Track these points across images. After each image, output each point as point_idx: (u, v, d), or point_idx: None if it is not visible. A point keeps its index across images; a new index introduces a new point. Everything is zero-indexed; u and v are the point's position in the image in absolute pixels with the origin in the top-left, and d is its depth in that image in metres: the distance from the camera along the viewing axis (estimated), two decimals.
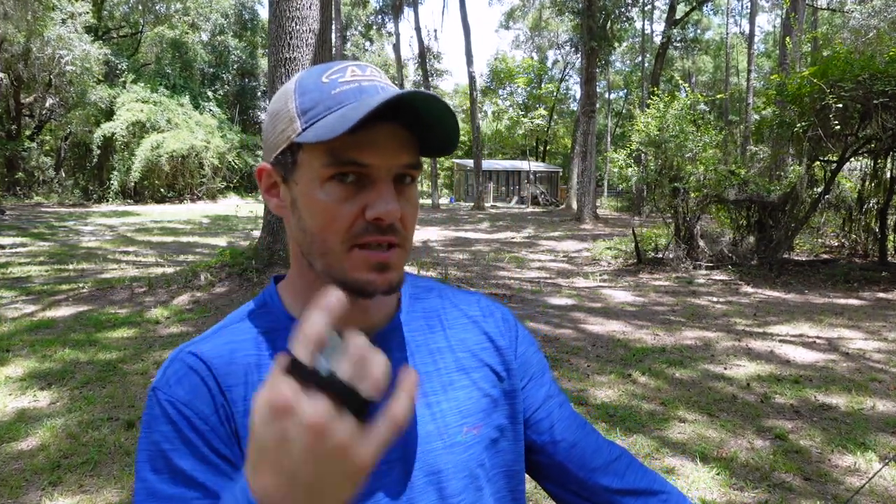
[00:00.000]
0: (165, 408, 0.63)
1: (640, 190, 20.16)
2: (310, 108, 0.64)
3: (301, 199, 0.65)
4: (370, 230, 0.63)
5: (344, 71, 0.66)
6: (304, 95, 0.65)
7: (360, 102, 0.61)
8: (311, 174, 0.64)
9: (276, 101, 0.68)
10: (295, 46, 7.21)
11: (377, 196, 0.63)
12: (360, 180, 0.63)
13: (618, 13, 21.53)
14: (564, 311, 6.80)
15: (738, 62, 42.67)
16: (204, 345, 0.68)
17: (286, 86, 0.69)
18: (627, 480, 0.80)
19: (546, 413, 0.81)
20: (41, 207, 23.57)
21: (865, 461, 3.17)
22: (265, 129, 0.70)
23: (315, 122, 0.63)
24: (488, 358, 0.78)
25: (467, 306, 0.82)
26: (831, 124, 8.27)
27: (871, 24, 16.70)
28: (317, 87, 0.65)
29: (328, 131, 0.59)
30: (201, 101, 31.55)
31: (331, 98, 0.64)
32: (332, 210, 0.63)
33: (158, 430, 0.63)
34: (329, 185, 0.63)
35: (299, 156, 0.65)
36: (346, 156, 0.62)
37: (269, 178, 0.69)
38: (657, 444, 3.38)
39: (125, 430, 3.46)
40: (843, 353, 5.18)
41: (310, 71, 0.68)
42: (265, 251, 7.40)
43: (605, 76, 36.32)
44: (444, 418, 0.72)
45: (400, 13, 32.02)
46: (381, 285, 0.65)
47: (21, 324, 5.78)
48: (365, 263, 0.64)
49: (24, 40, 22.23)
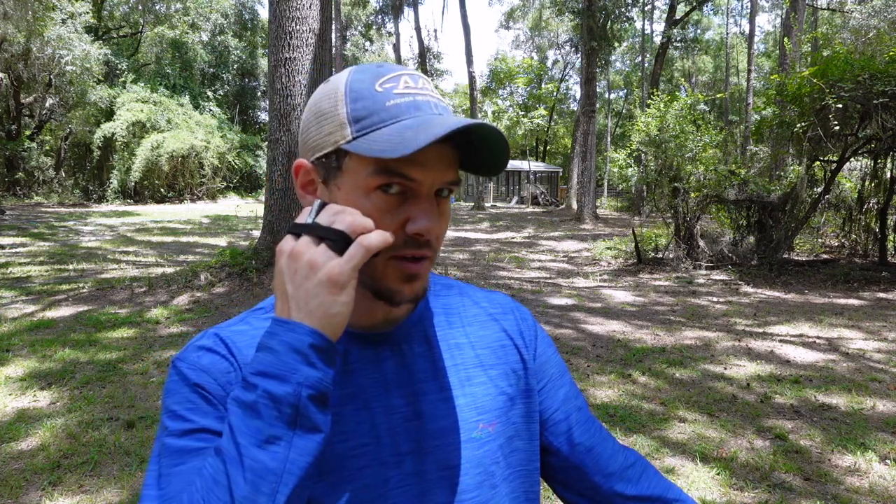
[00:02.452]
0: (188, 374, 0.65)
1: (640, 190, 20.17)
2: (363, 116, 0.63)
3: (342, 204, 0.65)
4: (409, 243, 0.65)
5: (397, 80, 0.65)
6: (357, 102, 0.64)
7: (423, 126, 0.61)
8: (356, 182, 0.64)
9: (323, 100, 0.67)
10: (295, 46, 7.21)
11: (420, 212, 0.64)
12: (404, 193, 0.64)
13: (618, 13, 21.53)
14: (564, 311, 6.80)
15: (738, 62, 42.67)
16: (228, 329, 0.70)
17: (334, 84, 0.67)
18: (642, 487, 0.80)
19: (564, 415, 0.81)
20: (41, 207, 23.57)
21: (865, 461, 3.17)
22: (307, 125, 0.69)
23: (367, 133, 0.63)
24: (506, 356, 0.79)
25: (488, 304, 0.83)
26: (831, 124, 8.28)
27: (871, 24, 16.70)
28: (370, 95, 0.64)
29: (388, 149, 0.59)
30: (201, 101, 31.56)
31: (385, 110, 0.63)
32: (374, 220, 0.63)
33: (180, 394, 0.65)
34: (374, 194, 0.63)
35: (345, 161, 0.65)
36: (396, 169, 0.62)
37: (307, 175, 0.69)
38: (657, 444, 3.38)
39: (125, 430, 3.46)
40: (843, 353, 5.18)
41: (360, 73, 0.67)
42: (265, 251, 7.40)
43: (605, 76, 36.31)
44: (460, 413, 0.72)
45: (400, 13, 32.04)
46: (409, 295, 0.66)
47: (21, 324, 5.78)
48: (397, 274, 0.65)
49: (24, 40, 22.23)
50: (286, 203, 7.38)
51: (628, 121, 31.44)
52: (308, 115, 0.69)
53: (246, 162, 31.58)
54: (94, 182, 28.25)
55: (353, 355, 0.70)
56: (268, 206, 7.59)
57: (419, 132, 0.59)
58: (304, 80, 7.28)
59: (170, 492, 0.59)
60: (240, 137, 31.89)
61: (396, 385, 0.70)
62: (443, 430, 0.70)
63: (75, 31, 23.83)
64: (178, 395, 0.64)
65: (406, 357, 0.72)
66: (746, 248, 10.00)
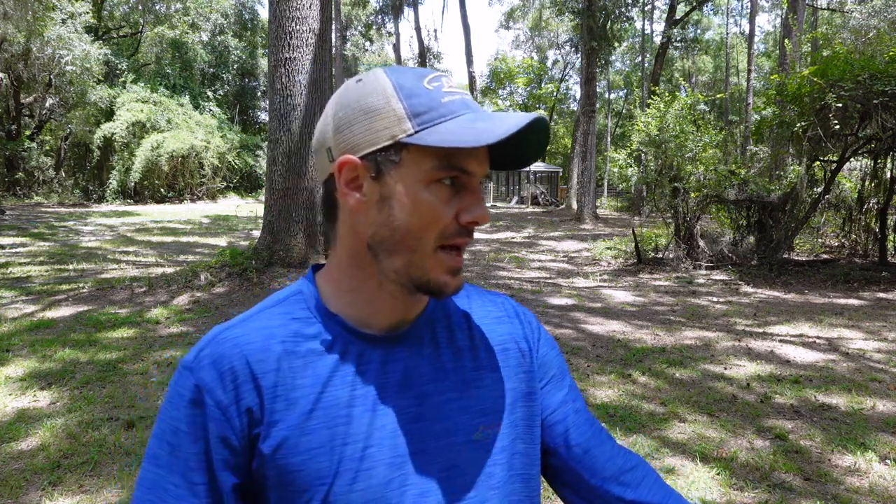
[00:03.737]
0: (190, 390, 0.67)
1: (640, 190, 20.16)
2: (422, 111, 0.66)
3: (399, 197, 0.67)
4: (461, 233, 0.68)
5: (440, 80, 0.69)
6: (413, 98, 0.66)
7: (494, 119, 0.65)
8: (416, 175, 0.66)
9: (367, 97, 0.68)
10: (295, 46, 7.21)
11: (474, 201, 0.69)
12: (456, 185, 0.67)
13: (618, 13, 21.52)
14: (564, 311, 6.79)
15: (738, 62, 42.67)
16: (239, 329, 0.70)
17: (375, 83, 0.69)
18: (641, 493, 0.80)
19: (562, 417, 0.81)
20: (41, 207, 23.57)
21: (865, 461, 3.17)
22: (349, 122, 0.69)
23: (430, 126, 0.65)
24: (510, 359, 0.79)
25: (492, 307, 0.84)
26: (831, 124, 8.28)
27: (871, 24, 16.70)
28: (424, 91, 0.67)
29: (467, 139, 0.63)
30: (201, 101, 31.55)
31: (443, 106, 0.67)
32: (435, 210, 0.66)
33: (179, 409, 0.68)
34: (434, 186, 0.66)
35: (403, 155, 0.66)
36: (458, 163, 0.66)
37: (353, 171, 0.69)
38: (657, 444, 3.38)
39: (125, 430, 3.46)
40: (843, 353, 5.18)
41: (400, 73, 0.69)
42: (265, 251, 7.40)
43: (605, 76, 36.31)
44: (463, 415, 0.73)
45: (400, 13, 32.05)
46: (454, 288, 0.70)
47: (21, 324, 5.78)
48: (444, 266, 0.69)
49: (24, 40, 22.22)
50: (286, 203, 7.38)
51: (628, 121, 31.44)
52: (348, 113, 0.69)
53: (246, 162, 31.57)
54: (94, 182, 28.23)
55: (365, 356, 0.70)
56: (268, 206, 7.59)
57: (494, 124, 0.64)
58: (304, 80, 7.28)
59: None
60: (240, 137, 31.88)
61: (404, 387, 0.71)
62: (445, 431, 0.71)
63: (75, 31, 23.82)
64: (178, 408, 0.70)
65: (414, 359, 0.73)
66: (746, 248, 10.00)
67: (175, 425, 0.67)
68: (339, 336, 0.71)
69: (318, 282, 0.75)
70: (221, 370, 0.67)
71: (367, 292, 0.72)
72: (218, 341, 0.69)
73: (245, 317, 0.72)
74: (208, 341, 0.69)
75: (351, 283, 0.72)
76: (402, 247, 0.68)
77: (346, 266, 0.72)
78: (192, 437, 0.66)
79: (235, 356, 0.67)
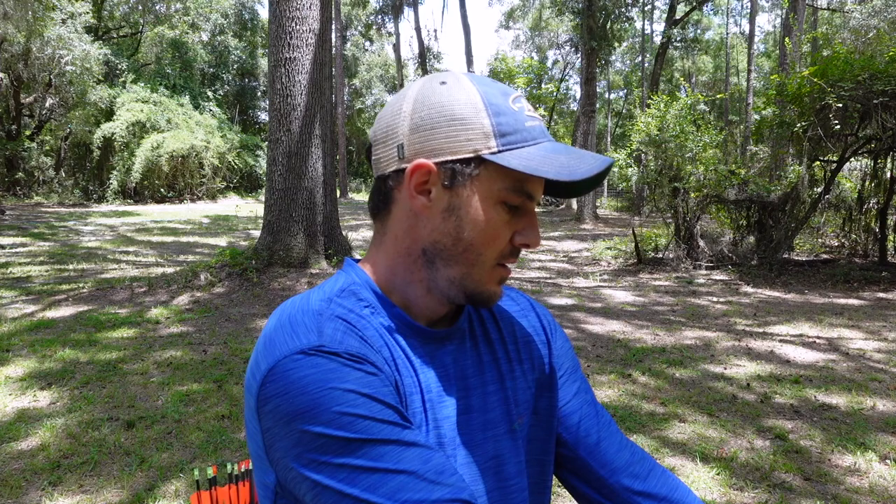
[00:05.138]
0: (344, 358, 0.61)
1: (640, 190, 20.16)
2: (508, 132, 0.67)
3: (467, 210, 0.68)
4: (513, 253, 0.71)
5: (521, 101, 0.70)
6: (500, 116, 0.67)
7: (575, 156, 0.67)
8: (488, 192, 0.67)
9: (457, 105, 0.67)
10: (295, 46, 7.21)
11: (530, 227, 0.71)
12: (516, 208, 0.69)
13: (618, 13, 21.52)
14: (564, 311, 6.79)
15: (738, 62, 42.66)
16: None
17: (464, 92, 0.68)
18: (649, 484, 0.81)
19: (576, 408, 0.84)
20: (41, 207, 23.56)
21: (865, 461, 3.17)
22: (432, 125, 0.67)
23: (513, 149, 0.67)
24: (533, 351, 0.82)
25: (510, 301, 0.86)
26: (831, 124, 8.27)
27: (871, 24, 16.69)
28: (510, 112, 0.68)
29: (550, 171, 0.64)
30: (201, 101, 31.53)
31: (526, 130, 0.68)
32: (498, 229, 0.68)
33: (350, 379, 0.59)
34: (500, 206, 0.68)
35: (481, 170, 0.67)
36: (527, 188, 0.68)
37: (425, 176, 0.68)
38: (657, 444, 3.38)
39: (125, 430, 3.46)
40: (843, 353, 5.18)
41: (488, 87, 0.69)
42: (265, 251, 7.40)
43: (605, 76, 36.32)
44: (503, 406, 0.76)
45: (400, 13, 32.04)
46: (499, 297, 0.73)
47: (21, 324, 5.78)
48: (496, 278, 0.72)
49: (24, 40, 22.21)
50: (286, 203, 7.38)
51: (628, 121, 31.44)
52: (431, 115, 0.68)
53: (246, 162, 31.55)
54: (94, 182, 28.21)
55: (418, 351, 0.72)
56: (268, 206, 7.59)
57: (574, 161, 0.65)
58: (304, 80, 7.28)
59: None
60: (240, 137, 31.86)
61: (454, 379, 0.73)
62: (489, 422, 0.74)
63: (75, 31, 23.81)
64: (348, 380, 0.61)
65: (460, 353, 0.75)
66: (746, 248, 10.00)
67: (362, 394, 0.59)
68: (400, 327, 0.72)
69: (368, 273, 0.75)
70: (358, 340, 0.65)
71: (414, 292, 0.73)
72: (336, 317, 0.66)
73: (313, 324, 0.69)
74: (321, 317, 0.66)
75: (402, 280, 0.73)
76: (463, 259, 0.69)
77: (397, 265, 0.73)
78: (384, 392, 0.62)
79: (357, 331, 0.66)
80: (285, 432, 0.58)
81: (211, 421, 3.57)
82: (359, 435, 0.57)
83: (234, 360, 4.75)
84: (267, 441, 0.61)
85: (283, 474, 0.61)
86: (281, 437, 0.59)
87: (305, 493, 0.59)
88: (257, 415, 0.61)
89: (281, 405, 0.58)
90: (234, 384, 4.20)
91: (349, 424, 0.57)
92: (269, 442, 0.61)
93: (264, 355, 0.63)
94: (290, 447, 0.58)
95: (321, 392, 0.58)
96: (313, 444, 0.57)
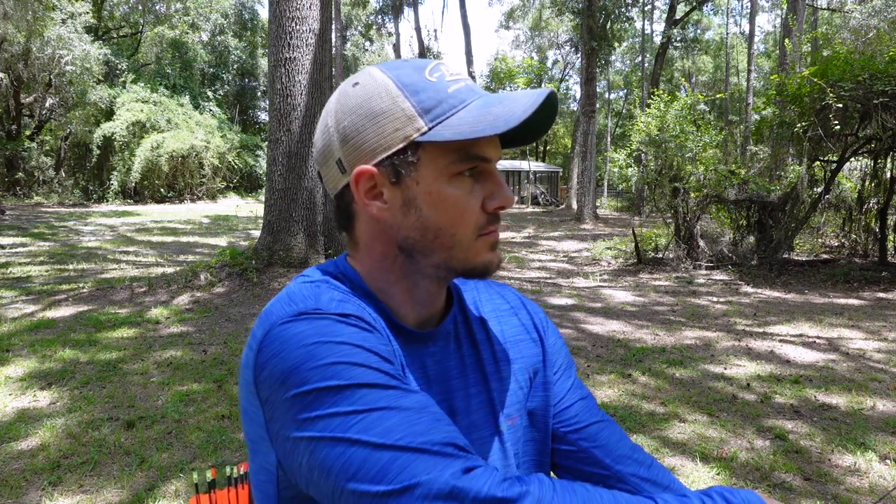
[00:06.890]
0: (339, 316, 0.60)
1: (640, 190, 20.17)
2: (432, 106, 0.64)
3: (424, 197, 0.65)
4: (491, 221, 0.68)
5: (439, 68, 0.67)
6: (419, 94, 0.64)
7: (508, 101, 0.63)
8: (436, 172, 0.65)
9: (371, 101, 0.65)
10: (295, 46, 7.21)
11: (497, 187, 0.67)
12: (475, 173, 0.66)
13: (618, 13, 21.52)
14: (564, 311, 6.79)
15: (738, 62, 42.66)
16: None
17: (376, 84, 0.66)
18: (653, 473, 0.81)
19: (571, 402, 0.83)
20: (41, 207, 23.56)
21: (865, 461, 3.17)
22: (356, 130, 0.66)
23: (444, 120, 0.63)
24: (525, 350, 0.81)
25: (500, 300, 0.85)
26: (831, 124, 8.27)
27: (871, 24, 16.69)
28: (428, 85, 0.65)
29: (485, 127, 0.60)
30: (201, 101, 31.53)
31: (451, 97, 0.64)
32: (462, 203, 0.65)
33: (345, 333, 0.58)
34: (456, 180, 0.65)
35: (420, 154, 0.65)
36: (475, 152, 0.65)
37: (370, 181, 0.67)
38: (657, 444, 3.38)
39: (125, 430, 3.46)
40: (843, 353, 5.18)
41: (399, 68, 0.67)
42: (265, 251, 7.40)
43: (605, 76, 36.32)
44: (487, 408, 0.74)
45: (400, 13, 32.04)
46: (497, 262, 0.70)
47: (21, 324, 5.78)
48: (485, 246, 0.68)
49: (24, 40, 22.21)
50: (286, 203, 7.38)
51: (628, 121, 31.43)
52: (353, 120, 0.66)
53: (246, 162, 31.56)
54: (94, 182, 28.22)
55: (407, 350, 0.70)
56: (268, 206, 7.59)
57: (508, 108, 0.61)
58: (304, 80, 7.28)
59: None
60: (240, 137, 31.87)
61: (434, 382, 0.71)
62: (474, 424, 0.72)
63: (75, 31, 23.82)
64: (342, 335, 0.59)
65: (442, 355, 0.73)
66: (746, 248, 10.00)
67: (359, 346, 0.58)
68: (387, 324, 0.70)
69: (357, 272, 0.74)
70: (353, 305, 0.65)
71: (396, 296, 0.71)
72: (326, 283, 0.68)
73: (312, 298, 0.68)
74: (316, 287, 0.67)
75: (384, 285, 0.72)
76: (438, 245, 0.67)
77: (373, 270, 0.72)
78: (378, 344, 0.61)
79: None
80: (281, 398, 0.56)
81: (211, 421, 3.57)
82: (352, 381, 0.54)
83: (234, 360, 4.75)
84: (267, 413, 0.58)
85: (281, 449, 0.58)
86: (278, 403, 0.56)
87: (301, 460, 0.55)
88: (256, 388, 0.59)
89: (276, 367, 0.56)
90: (234, 384, 4.20)
91: (342, 371, 0.55)
92: (269, 414, 0.58)
93: (260, 325, 0.62)
94: (285, 412, 0.56)
95: (314, 346, 0.56)
96: (305, 402, 0.54)
